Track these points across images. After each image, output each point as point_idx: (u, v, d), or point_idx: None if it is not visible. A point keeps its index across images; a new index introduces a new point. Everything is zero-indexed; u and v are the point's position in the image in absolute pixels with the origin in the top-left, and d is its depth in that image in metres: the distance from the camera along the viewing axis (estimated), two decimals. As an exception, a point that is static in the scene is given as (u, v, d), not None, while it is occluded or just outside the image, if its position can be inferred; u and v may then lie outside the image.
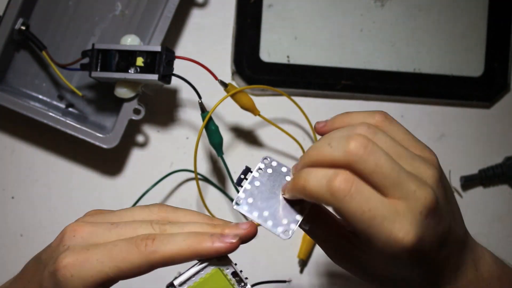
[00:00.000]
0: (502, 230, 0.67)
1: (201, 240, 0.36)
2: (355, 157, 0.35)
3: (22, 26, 0.58)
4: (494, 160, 0.66)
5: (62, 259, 0.36)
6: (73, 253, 0.36)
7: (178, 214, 0.40)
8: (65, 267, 0.36)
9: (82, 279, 0.36)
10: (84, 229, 0.38)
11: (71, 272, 0.36)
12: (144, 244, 0.36)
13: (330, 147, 0.36)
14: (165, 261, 0.36)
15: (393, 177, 0.35)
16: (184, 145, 0.64)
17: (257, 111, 0.60)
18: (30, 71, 0.61)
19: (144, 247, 0.36)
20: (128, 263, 0.36)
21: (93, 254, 0.36)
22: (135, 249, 0.36)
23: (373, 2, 0.65)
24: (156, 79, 0.55)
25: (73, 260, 0.36)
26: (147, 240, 0.36)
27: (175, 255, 0.36)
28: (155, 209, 0.40)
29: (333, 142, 0.36)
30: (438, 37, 0.65)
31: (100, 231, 0.38)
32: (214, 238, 0.36)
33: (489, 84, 0.66)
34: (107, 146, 0.58)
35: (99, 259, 0.36)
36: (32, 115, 0.58)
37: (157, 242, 0.36)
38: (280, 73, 0.63)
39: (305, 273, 0.64)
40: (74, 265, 0.36)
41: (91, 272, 0.36)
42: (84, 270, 0.36)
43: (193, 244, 0.36)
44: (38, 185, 0.63)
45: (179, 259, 0.36)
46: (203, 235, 0.36)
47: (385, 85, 0.65)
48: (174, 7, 0.58)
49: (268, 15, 0.63)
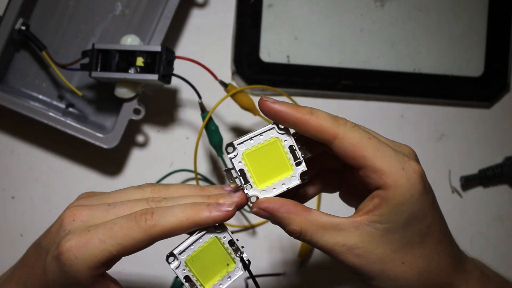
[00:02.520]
0: (502, 230, 0.67)
1: (199, 210, 0.37)
2: (346, 125, 0.39)
3: (22, 26, 0.58)
4: (494, 160, 0.66)
5: (65, 242, 0.37)
6: (74, 235, 0.37)
7: (170, 190, 0.41)
8: (69, 250, 0.37)
9: (86, 260, 0.36)
10: (82, 213, 0.39)
11: (75, 254, 0.36)
12: (143, 219, 0.37)
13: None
14: (165, 234, 0.37)
15: (379, 143, 0.39)
16: (184, 145, 0.64)
17: (257, 111, 0.60)
18: (30, 71, 0.61)
19: (144, 222, 0.37)
20: (129, 239, 0.37)
21: (94, 234, 0.37)
22: (135, 225, 0.37)
23: (373, 2, 0.65)
24: (156, 79, 0.55)
25: (75, 243, 0.37)
26: (146, 215, 0.37)
27: (175, 226, 0.37)
28: (147, 188, 0.41)
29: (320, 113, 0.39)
30: (438, 37, 0.65)
31: (98, 213, 0.39)
32: (211, 207, 0.38)
33: (489, 84, 0.66)
34: (107, 146, 0.58)
35: (101, 239, 0.37)
36: (32, 115, 0.58)
37: (156, 216, 0.37)
38: (280, 73, 0.63)
39: (305, 273, 0.64)
40: (78, 247, 0.37)
41: (95, 252, 0.36)
42: (87, 251, 0.36)
43: (192, 215, 0.37)
44: (38, 185, 0.63)
45: (179, 230, 0.37)
46: (200, 205, 0.38)
47: (385, 85, 0.65)
48: (174, 7, 0.58)
49: (268, 15, 0.63)
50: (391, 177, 0.37)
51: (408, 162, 0.38)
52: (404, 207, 0.38)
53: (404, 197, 0.37)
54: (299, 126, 0.39)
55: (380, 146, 0.38)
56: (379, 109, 0.66)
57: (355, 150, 0.38)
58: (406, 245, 0.39)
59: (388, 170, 0.37)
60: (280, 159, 0.40)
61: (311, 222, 0.39)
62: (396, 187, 0.37)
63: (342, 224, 0.39)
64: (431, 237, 0.39)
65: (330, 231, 0.39)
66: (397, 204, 0.38)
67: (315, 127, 0.38)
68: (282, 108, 0.39)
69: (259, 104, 0.39)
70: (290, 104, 0.39)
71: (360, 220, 0.38)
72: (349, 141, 0.38)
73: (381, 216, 0.38)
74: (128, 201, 0.39)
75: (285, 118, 0.39)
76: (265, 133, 0.40)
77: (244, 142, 0.39)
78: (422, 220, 0.39)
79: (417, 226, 0.39)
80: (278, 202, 0.39)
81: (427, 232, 0.39)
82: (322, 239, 0.39)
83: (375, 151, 0.38)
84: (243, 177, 0.39)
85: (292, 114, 0.39)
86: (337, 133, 0.38)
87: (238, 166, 0.39)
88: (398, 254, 0.39)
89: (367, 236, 0.38)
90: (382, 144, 0.38)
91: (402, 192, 0.37)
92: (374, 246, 0.38)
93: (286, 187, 0.40)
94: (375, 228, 0.38)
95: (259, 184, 0.40)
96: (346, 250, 0.39)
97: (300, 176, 0.40)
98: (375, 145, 0.38)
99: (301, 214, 0.39)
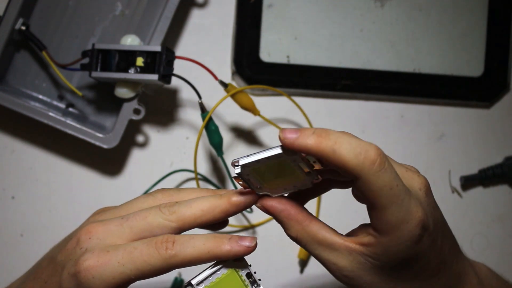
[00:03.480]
0: (502, 230, 0.67)
1: (220, 244, 0.37)
2: (372, 158, 0.35)
3: (22, 26, 0.58)
4: (494, 160, 0.66)
5: (83, 261, 0.37)
6: (93, 255, 0.37)
7: (181, 194, 0.41)
8: (87, 270, 0.37)
9: (103, 280, 0.37)
10: (98, 229, 0.39)
11: (92, 274, 0.37)
12: (164, 247, 0.37)
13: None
14: (184, 264, 0.37)
15: (396, 168, 0.37)
16: (184, 145, 0.64)
17: (257, 111, 0.60)
18: (30, 71, 0.61)
19: (165, 251, 0.37)
20: (149, 265, 0.37)
21: (113, 256, 0.37)
22: (155, 252, 0.37)
23: (373, 2, 0.65)
24: (156, 79, 0.55)
25: (94, 262, 0.37)
26: (167, 243, 0.37)
27: (195, 258, 0.37)
28: (158, 195, 0.41)
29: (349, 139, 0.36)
30: (438, 37, 0.65)
31: (113, 228, 0.39)
32: (232, 241, 0.38)
33: (489, 84, 0.66)
34: (107, 146, 0.58)
35: (120, 262, 0.37)
36: (32, 115, 0.58)
37: (177, 246, 0.37)
38: (280, 73, 0.63)
39: (305, 273, 0.64)
40: (96, 267, 0.37)
41: (113, 274, 0.37)
42: (106, 272, 0.37)
43: (212, 248, 0.37)
44: (38, 185, 0.63)
45: (198, 262, 0.37)
46: (222, 239, 0.38)
47: (385, 85, 0.65)
48: (174, 7, 0.58)
49: (268, 15, 0.63)
50: (392, 229, 0.36)
51: (415, 212, 0.36)
52: (397, 254, 0.37)
53: (399, 247, 0.37)
54: (322, 160, 0.37)
55: (397, 198, 0.36)
56: (379, 109, 0.66)
57: (373, 196, 0.36)
58: (396, 279, 0.39)
59: (393, 223, 0.36)
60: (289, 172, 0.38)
61: (308, 233, 0.39)
62: (394, 238, 0.37)
63: (336, 245, 0.38)
64: (424, 273, 0.39)
65: (324, 247, 0.39)
66: (391, 251, 0.37)
67: (337, 164, 0.36)
68: (305, 143, 0.36)
69: (281, 137, 0.36)
70: (313, 135, 0.36)
71: (353, 248, 0.38)
72: (369, 187, 0.36)
73: (373, 254, 0.38)
74: (141, 211, 0.39)
75: (307, 151, 0.36)
76: (272, 151, 0.37)
77: (252, 165, 0.37)
78: (415, 263, 0.38)
79: (409, 268, 0.39)
80: (281, 205, 0.39)
81: (420, 271, 0.39)
82: (315, 251, 0.39)
83: (390, 204, 0.36)
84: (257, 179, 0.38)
85: (316, 150, 0.36)
86: (360, 176, 0.35)
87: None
88: (387, 284, 0.39)
89: (358, 264, 0.38)
90: (400, 194, 0.36)
91: (399, 243, 0.37)
92: (363, 273, 0.38)
93: (296, 188, 0.39)
94: (367, 260, 0.38)
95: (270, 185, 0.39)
96: (336, 269, 0.39)
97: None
98: (394, 197, 0.36)
99: (301, 222, 0.39)
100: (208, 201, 0.39)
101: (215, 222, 0.40)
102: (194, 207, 0.39)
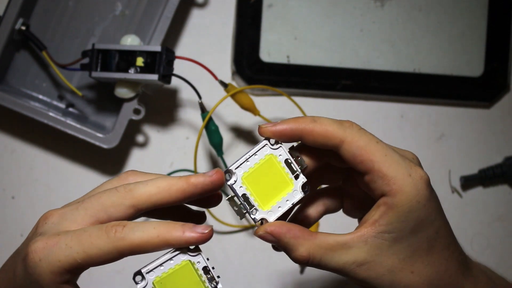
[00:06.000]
0: (502, 230, 0.67)
1: (171, 229, 0.35)
2: (351, 129, 0.38)
3: (22, 26, 0.58)
4: (494, 160, 0.66)
5: (32, 244, 0.36)
6: (43, 238, 0.36)
7: (148, 176, 0.40)
8: (34, 251, 0.36)
9: (49, 263, 0.35)
10: (53, 214, 0.38)
11: (39, 256, 0.36)
12: (113, 230, 0.35)
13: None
14: (133, 249, 0.35)
15: (385, 149, 0.38)
16: (184, 145, 0.64)
17: (257, 111, 0.60)
18: (30, 71, 0.61)
19: (114, 234, 0.35)
20: (96, 248, 0.35)
21: (62, 239, 0.36)
22: (104, 235, 0.35)
23: (373, 2, 0.65)
24: (156, 79, 0.55)
25: (41, 244, 0.36)
26: (117, 226, 0.36)
27: (144, 243, 0.35)
28: (126, 176, 0.40)
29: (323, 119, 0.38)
30: (438, 37, 0.65)
31: (68, 211, 0.38)
32: (186, 227, 0.36)
33: (489, 84, 0.66)
34: (107, 146, 0.58)
35: (68, 244, 0.35)
36: (32, 115, 0.58)
37: (126, 229, 0.35)
38: (280, 73, 0.63)
39: (305, 273, 0.64)
40: (43, 249, 0.36)
41: (59, 256, 0.35)
42: (52, 254, 0.35)
43: (163, 233, 0.35)
44: (38, 185, 0.63)
45: (148, 247, 0.35)
46: (175, 225, 0.36)
47: (385, 85, 0.65)
48: (174, 7, 0.58)
49: (268, 15, 0.63)
50: (398, 183, 0.37)
51: (414, 168, 0.38)
52: (411, 214, 0.37)
53: (411, 204, 0.37)
54: (305, 138, 0.38)
55: (387, 151, 0.38)
56: (379, 109, 0.66)
57: (363, 153, 0.37)
58: (414, 253, 0.38)
59: (395, 176, 0.37)
60: (279, 176, 0.39)
61: (319, 245, 0.38)
62: (403, 194, 0.37)
63: (350, 242, 0.38)
64: (439, 243, 0.39)
65: (339, 251, 0.38)
66: (404, 211, 0.37)
67: (321, 134, 0.37)
68: (283, 127, 0.38)
69: (260, 133, 0.39)
70: (289, 119, 0.38)
71: (367, 233, 0.38)
72: (357, 144, 0.37)
73: (388, 225, 0.37)
74: (97, 193, 0.38)
75: (290, 134, 0.38)
76: (259, 151, 0.39)
77: (241, 165, 0.38)
78: (429, 227, 0.38)
79: (424, 233, 0.38)
80: (285, 227, 0.38)
81: (434, 238, 0.39)
82: (332, 260, 0.38)
83: (383, 156, 0.37)
84: (247, 202, 0.38)
85: (296, 128, 0.38)
86: (345, 137, 0.37)
87: (240, 192, 0.38)
88: (406, 263, 0.38)
89: (375, 249, 0.38)
90: (389, 149, 0.38)
91: (409, 199, 0.37)
92: (383, 258, 0.38)
93: (290, 203, 0.39)
94: (383, 239, 0.38)
95: (264, 206, 0.39)
96: (356, 267, 0.38)
97: (302, 188, 0.39)
98: (383, 149, 0.38)
99: (308, 238, 0.38)
100: (166, 180, 0.37)
101: (175, 203, 0.37)
102: (150, 185, 0.37)
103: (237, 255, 0.63)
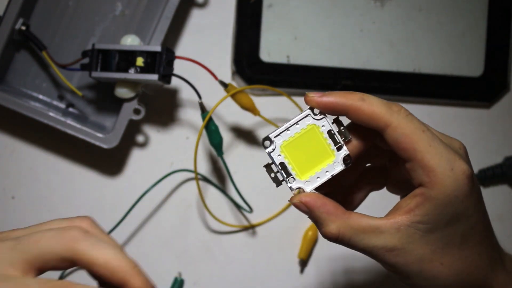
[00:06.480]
0: (502, 230, 0.67)
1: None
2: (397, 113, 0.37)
3: (22, 26, 0.58)
4: (494, 160, 0.66)
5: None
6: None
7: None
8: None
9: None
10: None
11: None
12: None
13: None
14: None
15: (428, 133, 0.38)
16: (184, 145, 0.64)
17: (257, 111, 0.60)
18: (30, 71, 0.61)
19: None
20: None
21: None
22: None
23: (373, 2, 0.65)
24: (156, 79, 0.55)
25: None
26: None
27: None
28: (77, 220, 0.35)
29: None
30: (438, 37, 0.65)
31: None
32: None
33: (489, 84, 0.66)
34: (107, 146, 0.58)
35: None
36: (32, 115, 0.58)
37: None
38: (280, 73, 0.63)
39: (305, 273, 0.64)
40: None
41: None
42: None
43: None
44: (38, 185, 0.63)
45: None
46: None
47: (385, 85, 0.65)
48: (174, 7, 0.58)
49: (268, 15, 0.63)
50: (438, 176, 0.36)
51: (458, 161, 0.37)
52: (447, 208, 0.37)
53: (449, 198, 0.36)
54: (351, 114, 0.38)
55: (433, 141, 0.37)
56: (379, 109, 0.66)
57: (407, 141, 0.37)
58: (446, 246, 0.38)
59: (436, 168, 0.36)
60: (320, 146, 0.38)
61: (351, 225, 0.38)
62: (442, 187, 0.36)
63: (382, 227, 0.38)
64: (473, 238, 0.39)
65: (370, 234, 0.38)
66: (441, 205, 0.37)
67: (368, 114, 0.37)
68: (330, 99, 0.38)
69: (306, 101, 0.38)
70: (338, 92, 0.38)
71: (401, 221, 0.37)
72: (402, 131, 0.37)
73: (423, 216, 0.37)
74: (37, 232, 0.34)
75: (336, 108, 0.38)
76: (301, 121, 0.38)
77: (280, 133, 0.38)
78: (465, 222, 0.38)
79: (459, 227, 0.38)
80: (320, 200, 0.38)
81: (469, 233, 0.38)
82: (361, 242, 0.38)
83: (427, 146, 0.37)
84: (285, 171, 0.38)
85: (343, 103, 0.37)
86: (391, 121, 0.37)
87: (278, 160, 0.38)
88: (437, 255, 0.38)
89: (407, 238, 0.37)
90: (435, 139, 0.37)
91: (448, 193, 0.36)
92: (413, 247, 0.38)
93: (330, 174, 0.38)
94: (416, 228, 0.37)
95: (302, 175, 0.38)
96: (385, 252, 0.38)
97: (343, 160, 0.38)
98: (428, 139, 0.37)
99: (341, 217, 0.38)
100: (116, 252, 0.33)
101: None
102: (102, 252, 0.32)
103: (237, 255, 0.63)
